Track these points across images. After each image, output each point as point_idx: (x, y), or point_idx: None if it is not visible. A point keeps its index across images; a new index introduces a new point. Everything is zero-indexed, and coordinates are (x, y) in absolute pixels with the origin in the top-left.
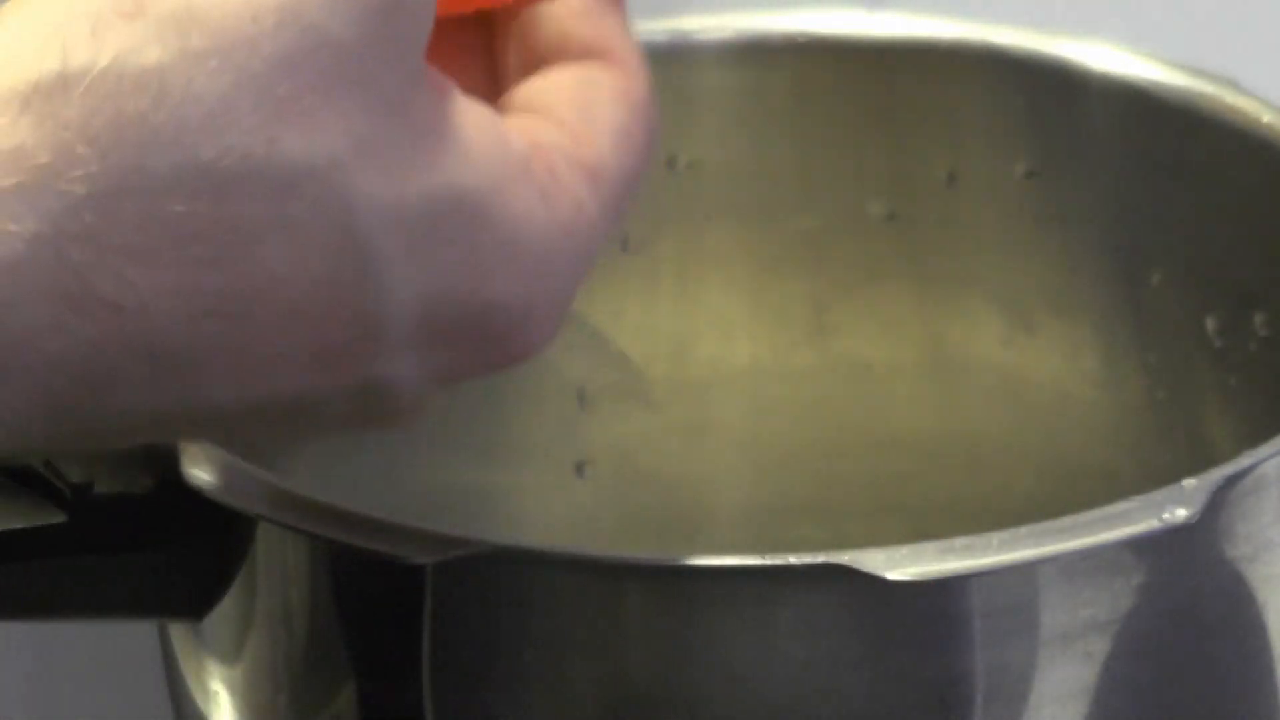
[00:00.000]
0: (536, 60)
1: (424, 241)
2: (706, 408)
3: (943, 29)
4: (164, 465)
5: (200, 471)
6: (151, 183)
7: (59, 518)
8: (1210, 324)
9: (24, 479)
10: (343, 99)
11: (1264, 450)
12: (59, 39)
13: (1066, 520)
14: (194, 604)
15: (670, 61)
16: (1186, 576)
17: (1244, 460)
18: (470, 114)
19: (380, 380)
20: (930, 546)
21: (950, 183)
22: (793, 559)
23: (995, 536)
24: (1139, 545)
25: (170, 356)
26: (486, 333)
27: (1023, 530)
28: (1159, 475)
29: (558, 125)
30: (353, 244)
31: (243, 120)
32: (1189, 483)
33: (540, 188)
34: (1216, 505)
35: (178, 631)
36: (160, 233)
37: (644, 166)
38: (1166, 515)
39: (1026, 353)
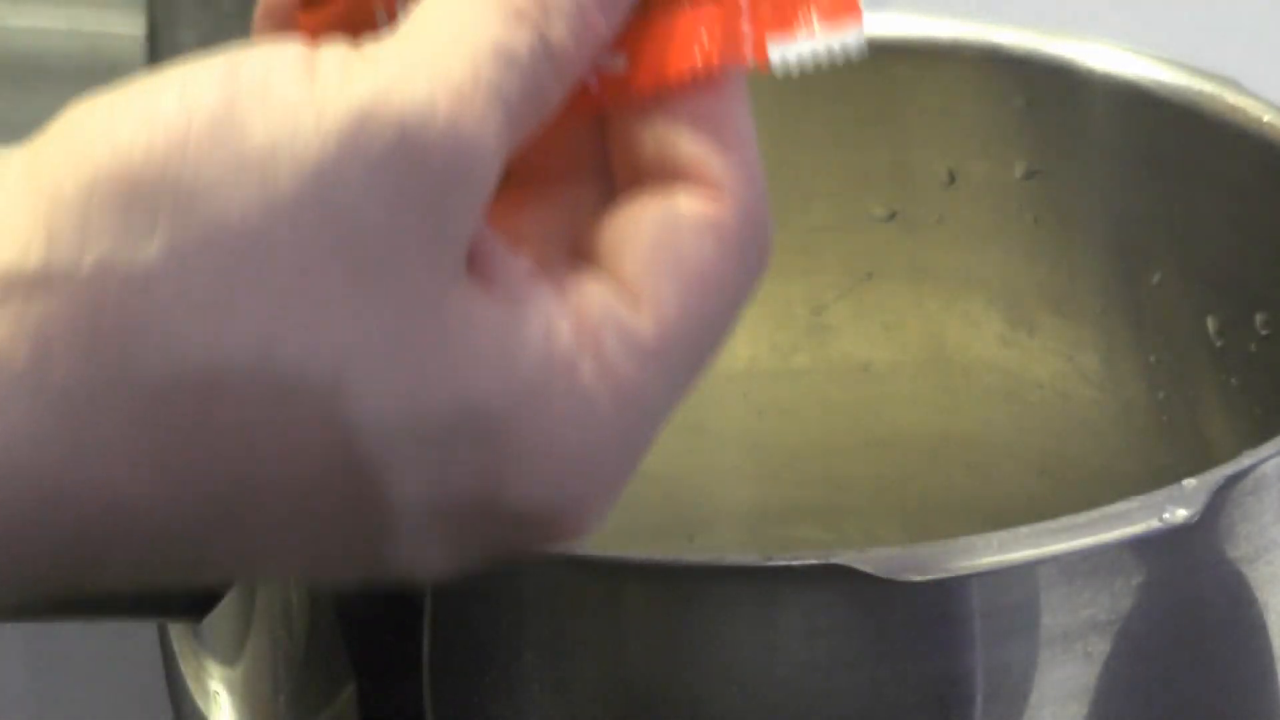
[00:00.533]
0: (635, 173)
1: (436, 453)
2: (706, 408)
3: (943, 29)
4: None
5: None
6: (133, 388)
7: None
8: (1211, 324)
9: None
10: (360, 299)
11: (1264, 450)
12: (45, 228)
13: (1066, 520)
14: (194, 604)
15: None
16: (1186, 576)
17: (1244, 460)
18: (515, 307)
19: (396, 563)
20: (930, 546)
21: (950, 182)
22: (793, 559)
23: (995, 536)
24: (1139, 545)
25: (163, 543)
26: (514, 528)
27: (1023, 530)
28: (1159, 475)
29: (619, 289)
30: (353, 457)
31: (239, 325)
32: (1189, 483)
33: (584, 387)
34: (1217, 505)
35: (178, 631)
36: (142, 437)
37: (736, 308)
38: (1166, 515)
39: (1026, 352)
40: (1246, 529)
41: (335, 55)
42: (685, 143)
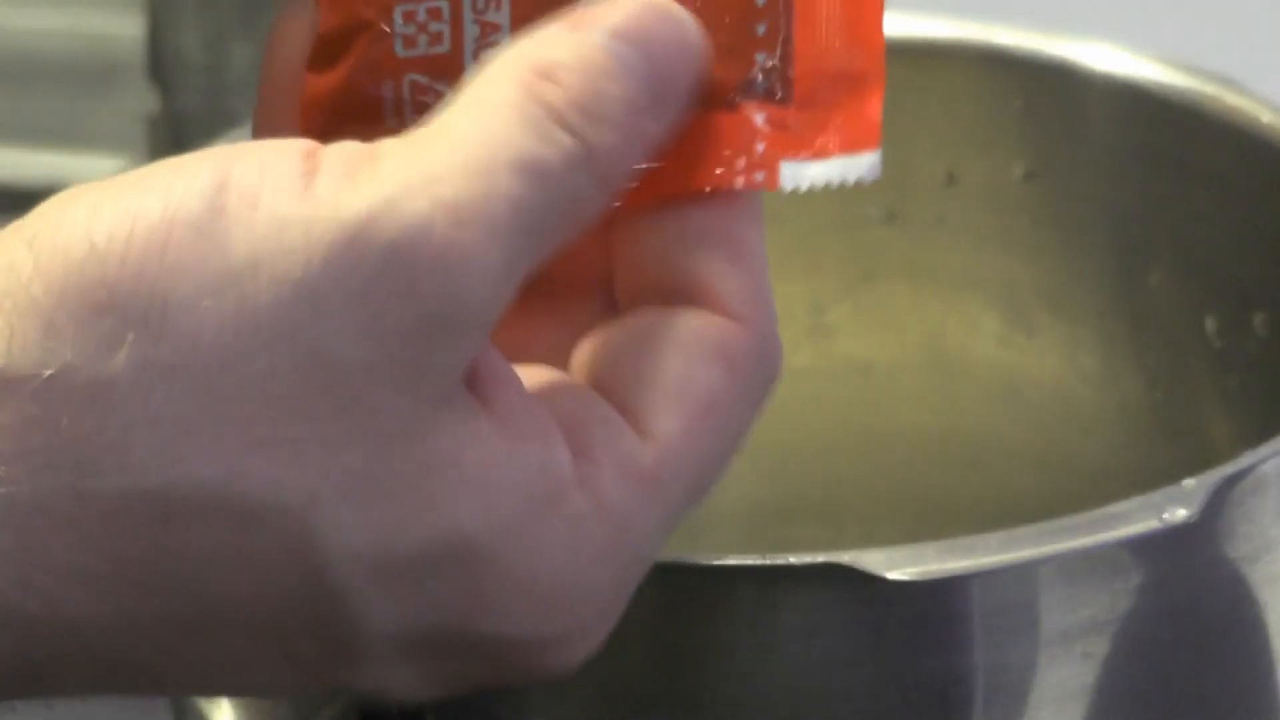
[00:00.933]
0: (639, 289)
1: (411, 586)
2: None
3: (942, 29)
4: None
5: None
6: (87, 504)
7: None
8: (1209, 324)
9: None
10: (335, 430)
11: (1264, 450)
12: (6, 331)
13: (1066, 520)
14: None
15: None
16: (1186, 576)
17: (1244, 460)
18: (511, 433)
19: (366, 685)
20: (930, 546)
21: (949, 183)
22: (793, 559)
23: (995, 536)
24: (1139, 545)
25: (118, 663)
26: (495, 661)
27: (1023, 530)
28: (1159, 475)
29: (622, 415)
30: (321, 586)
31: (201, 448)
32: (1189, 483)
33: (576, 518)
34: (1216, 505)
35: None
36: (94, 555)
37: (740, 437)
38: (1166, 515)
39: (1025, 353)
40: (1246, 529)
41: (339, 159)
42: (699, 263)
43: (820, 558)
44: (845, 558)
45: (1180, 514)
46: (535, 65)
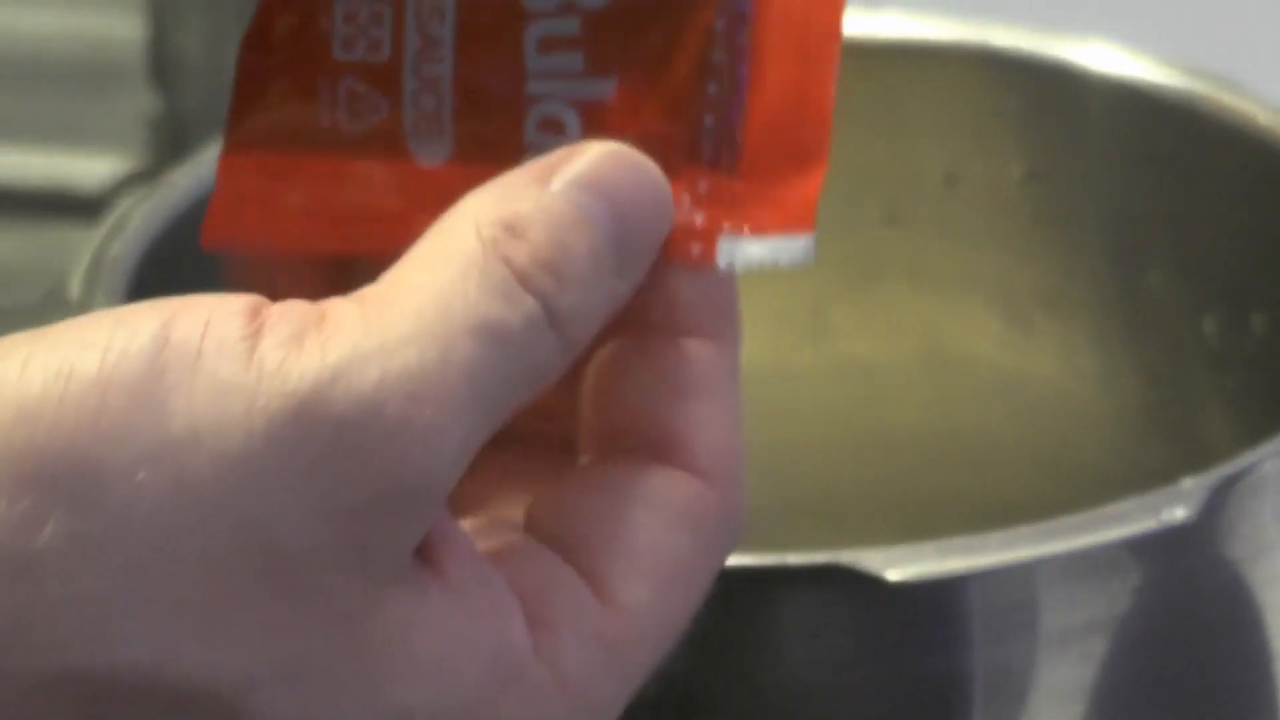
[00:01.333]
0: (604, 438)
1: None
2: None
3: (942, 29)
4: None
5: None
6: (9, 684)
7: None
8: (1207, 324)
9: None
10: (272, 613)
11: (1263, 450)
12: None
13: (1065, 520)
14: None
15: None
16: (1185, 576)
17: (1242, 460)
18: (467, 607)
19: None
20: (930, 546)
21: (948, 184)
22: (793, 559)
23: (995, 536)
24: (1137, 545)
25: None
26: None
27: (1022, 530)
28: (1157, 475)
29: (581, 581)
30: None
31: (131, 630)
32: (1187, 483)
33: (531, 691)
34: (1215, 505)
35: None
36: None
37: (699, 599)
38: (1165, 515)
39: (1024, 353)
40: (1245, 529)
41: (285, 326)
42: (669, 416)
43: (820, 558)
44: (845, 558)
45: (1179, 514)
46: (498, 218)
